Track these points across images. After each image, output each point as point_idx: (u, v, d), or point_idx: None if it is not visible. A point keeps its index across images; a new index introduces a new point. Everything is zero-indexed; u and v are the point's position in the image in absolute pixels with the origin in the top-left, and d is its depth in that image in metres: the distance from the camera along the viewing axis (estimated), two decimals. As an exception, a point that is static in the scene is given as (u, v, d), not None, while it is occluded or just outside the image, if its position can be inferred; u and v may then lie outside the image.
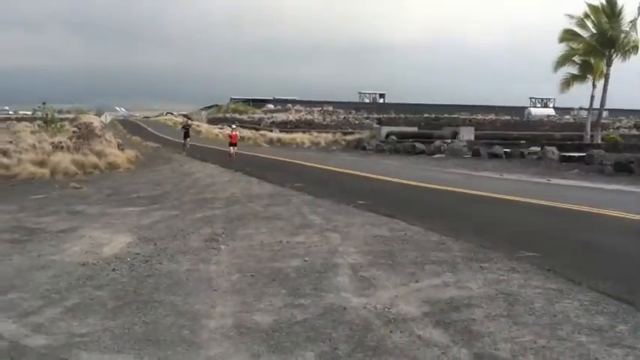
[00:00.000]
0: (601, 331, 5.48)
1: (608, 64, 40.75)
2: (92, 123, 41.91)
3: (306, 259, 8.48)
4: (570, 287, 6.93)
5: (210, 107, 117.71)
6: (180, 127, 56.64)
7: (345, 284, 7.18)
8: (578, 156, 28.32)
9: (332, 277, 7.52)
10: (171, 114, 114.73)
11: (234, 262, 8.43)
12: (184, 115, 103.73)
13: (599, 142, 39.66)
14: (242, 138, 56.91)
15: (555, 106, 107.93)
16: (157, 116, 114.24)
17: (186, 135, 41.87)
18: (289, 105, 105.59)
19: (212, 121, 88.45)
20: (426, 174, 23.89)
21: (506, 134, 50.37)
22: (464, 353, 5.02)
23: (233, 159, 30.91)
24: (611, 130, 63.16)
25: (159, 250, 9.22)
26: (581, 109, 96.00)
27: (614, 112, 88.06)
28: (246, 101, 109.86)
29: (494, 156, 33.75)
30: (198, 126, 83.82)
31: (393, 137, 47.06)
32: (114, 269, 8.03)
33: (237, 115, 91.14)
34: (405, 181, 20.06)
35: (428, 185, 18.56)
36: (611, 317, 5.85)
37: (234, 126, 40.45)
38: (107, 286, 7.23)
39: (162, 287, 7.19)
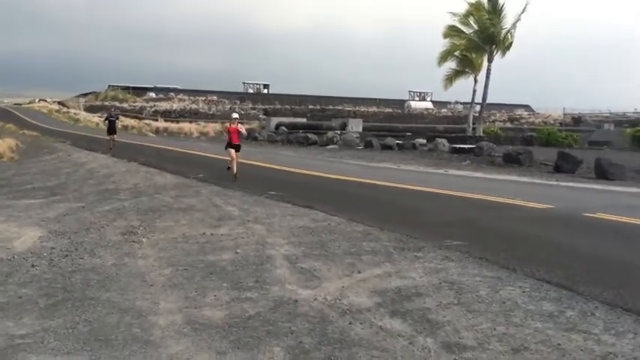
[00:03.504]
0: (552, 316, 5.68)
1: (490, 60, 42.65)
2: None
3: (238, 251, 8.28)
4: (507, 275, 7.16)
5: (87, 94, 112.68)
6: (103, 118, 38.90)
7: (286, 276, 7.05)
8: (468, 148, 29.51)
9: (271, 269, 7.37)
10: (45, 101, 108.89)
11: (161, 255, 8.09)
12: (59, 102, 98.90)
13: (482, 134, 41.52)
14: (125, 127, 55.19)
15: (432, 99, 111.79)
16: (30, 103, 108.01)
17: (112, 129, 30.72)
18: (172, 94, 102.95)
19: (90, 109, 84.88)
20: (326, 165, 24.06)
21: (392, 126, 51.78)
22: (431, 342, 5.04)
23: (237, 175, 17.30)
24: (488, 123, 66.33)
25: (75, 244, 8.70)
26: (457, 102, 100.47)
27: (487, 107, 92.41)
28: (126, 89, 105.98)
29: (387, 147, 34.55)
30: (75, 114, 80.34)
31: (284, 128, 47.13)
32: (33, 265, 7.50)
33: (117, 103, 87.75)
34: (308, 172, 20.07)
35: (333, 176, 18.67)
36: (556, 303, 6.08)
37: (235, 115, 20.20)
38: (31, 283, 6.73)
39: (93, 283, 6.78)
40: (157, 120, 67.08)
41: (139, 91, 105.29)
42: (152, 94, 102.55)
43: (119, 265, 7.56)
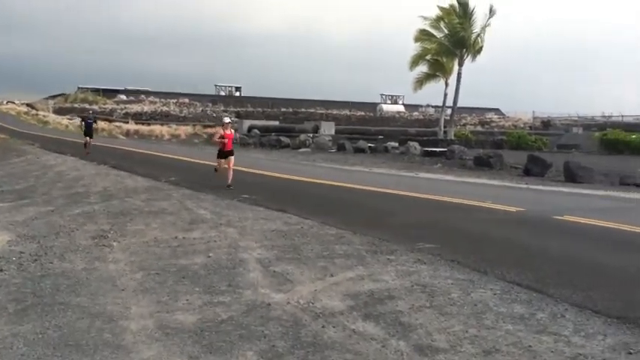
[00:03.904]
0: (523, 319, 5.74)
1: (460, 64, 43.07)
2: None
3: (210, 255, 8.22)
4: (478, 277, 7.22)
5: (56, 96, 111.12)
6: (79, 120, 39.39)
7: (259, 280, 7.02)
8: (439, 151, 29.74)
9: (243, 273, 7.34)
10: (13, 103, 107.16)
11: (132, 259, 8.01)
12: (28, 105, 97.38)
13: (453, 138, 41.87)
14: (95, 130, 54.56)
15: (404, 102, 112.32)
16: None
17: (89, 132, 29.71)
18: (143, 96, 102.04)
19: (59, 112, 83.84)
20: (298, 168, 24.06)
21: (364, 129, 51.92)
22: (403, 345, 5.06)
23: (231, 185, 15.83)
24: (459, 126, 66.89)
25: (45, 248, 8.57)
26: (428, 106, 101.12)
27: (458, 110, 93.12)
28: (96, 91, 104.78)
29: (360, 150, 34.67)
30: (45, 116, 79.26)
31: (256, 131, 47.01)
32: (1, 269, 7.38)
33: (87, 106, 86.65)
34: (281, 175, 20.07)
35: (306, 179, 18.67)
36: (527, 305, 6.14)
37: (227, 119, 18.10)
38: (0, 288, 6.60)
39: (63, 288, 6.68)
40: (127, 122, 66.42)
41: (110, 93, 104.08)
42: (123, 97, 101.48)
43: (89, 270, 7.46)
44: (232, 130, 17.28)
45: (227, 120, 17.87)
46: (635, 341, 5.18)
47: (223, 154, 16.78)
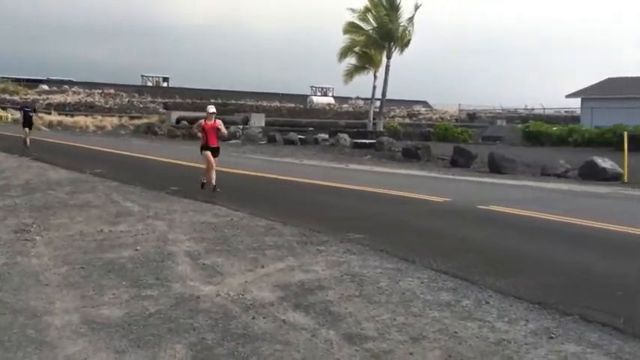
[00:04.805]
0: (449, 306, 5.88)
1: (388, 57, 43.50)
2: None
3: (138, 248, 8.08)
4: (406, 266, 7.36)
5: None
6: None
7: (188, 273, 6.95)
8: (369, 143, 30.05)
9: (172, 266, 7.25)
10: None
11: (56, 254, 7.79)
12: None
13: (382, 130, 42.34)
14: (16, 121, 52.63)
15: (334, 95, 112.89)
16: None
17: (28, 122, 26.64)
18: (66, 86, 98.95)
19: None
20: (228, 159, 23.68)
21: (294, 121, 51.79)
22: (333, 334, 5.10)
23: (216, 188, 13.80)
24: (388, 118, 67.71)
25: (-38, 243, 8.23)
26: (358, 98, 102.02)
27: (387, 103, 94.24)
28: (17, 81, 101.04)
29: (290, 142, 34.65)
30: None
31: (185, 122, 46.22)
32: None
33: (7, 96, 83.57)
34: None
35: (235, 171, 18.50)
36: (453, 293, 6.30)
37: (212, 108, 14.49)
38: None
39: (-18, 284, 6.43)
40: (49, 113, 64.22)
41: (32, 83, 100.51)
42: (45, 87, 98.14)
43: (11, 265, 7.22)
44: (219, 122, 14.05)
45: (212, 110, 14.28)
46: (556, 326, 5.38)
47: (208, 148, 13.89)
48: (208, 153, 13.83)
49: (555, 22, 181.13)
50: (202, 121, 14.15)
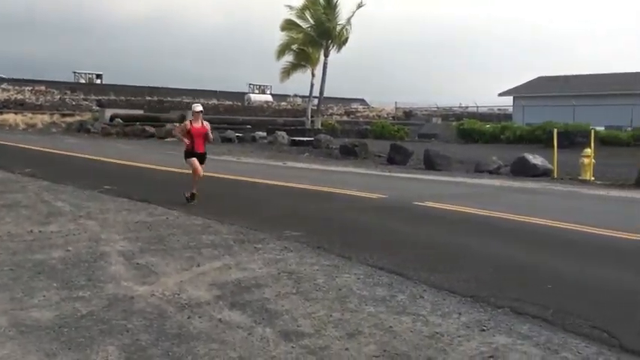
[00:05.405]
0: (384, 301, 5.95)
1: (326, 55, 43.67)
2: None
3: (69, 248, 7.87)
4: (343, 263, 7.41)
5: None
6: None
7: (122, 273, 6.81)
8: (307, 140, 30.13)
9: (105, 266, 7.09)
10: None
11: (-18, 256, 7.50)
12: None
13: (320, 127, 42.50)
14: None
15: (272, 92, 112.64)
16: None
17: None
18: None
19: None
20: (164, 158, 23.47)
21: (232, 119, 51.40)
22: (269, 332, 5.09)
23: (197, 195, 11.95)
24: (326, 116, 68.01)
25: None
26: (296, 96, 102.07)
27: (325, 100, 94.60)
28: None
29: (228, 140, 34.44)
30: None
31: (119, 120, 45.34)
32: None
33: None
34: (144, 165, 19.56)
35: (171, 169, 18.25)
36: (388, 288, 6.37)
37: (198, 107, 12.21)
38: None
39: None
40: (-23, 111, 61.87)
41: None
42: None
43: None
44: (206, 124, 12.19)
45: (198, 108, 12.20)
46: (488, 318, 5.51)
47: (194, 154, 11.98)
48: (195, 161, 11.98)
49: (487, 22, 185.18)
50: (188, 122, 12.30)
